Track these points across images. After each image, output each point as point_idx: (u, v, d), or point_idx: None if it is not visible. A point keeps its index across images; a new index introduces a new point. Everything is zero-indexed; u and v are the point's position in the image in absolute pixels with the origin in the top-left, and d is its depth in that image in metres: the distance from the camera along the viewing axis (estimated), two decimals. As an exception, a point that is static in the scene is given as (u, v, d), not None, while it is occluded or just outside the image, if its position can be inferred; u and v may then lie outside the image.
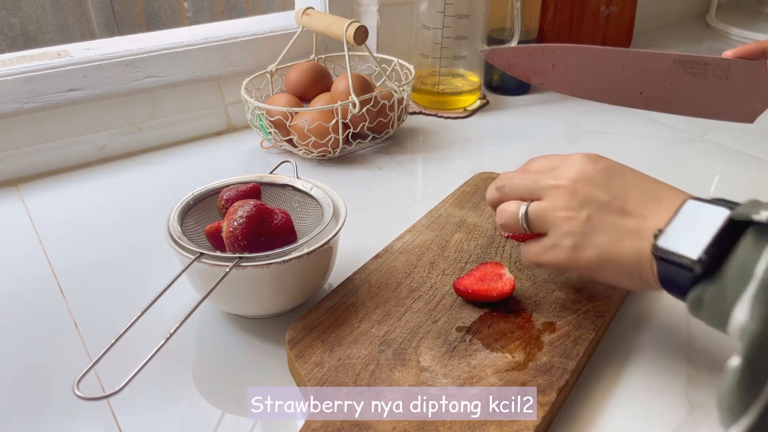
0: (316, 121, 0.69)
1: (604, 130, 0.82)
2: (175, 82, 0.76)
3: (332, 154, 0.72)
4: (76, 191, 0.68)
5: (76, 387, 0.35)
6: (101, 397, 0.36)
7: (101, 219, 0.63)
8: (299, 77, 0.76)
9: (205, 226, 0.49)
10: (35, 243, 0.59)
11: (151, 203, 0.65)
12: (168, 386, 0.44)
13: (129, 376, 0.36)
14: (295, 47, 0.77)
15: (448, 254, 0.53)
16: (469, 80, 0.86)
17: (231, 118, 0.82)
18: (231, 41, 0.78)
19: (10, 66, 0.67)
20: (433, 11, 0.80)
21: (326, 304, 0.47)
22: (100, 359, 0.38)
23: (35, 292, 0.53)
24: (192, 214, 0.50)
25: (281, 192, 0.53)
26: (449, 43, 0.81)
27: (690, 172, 0.71)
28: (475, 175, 0.65)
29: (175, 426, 0.41)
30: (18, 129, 0.69)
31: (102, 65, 0.71)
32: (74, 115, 0.71)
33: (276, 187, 0.53)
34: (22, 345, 0.48)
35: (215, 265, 0.43)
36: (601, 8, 1.00)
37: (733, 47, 0.52)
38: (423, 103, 0.87)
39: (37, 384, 0.44)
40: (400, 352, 0.43)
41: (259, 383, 0.44)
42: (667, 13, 1.22)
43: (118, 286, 0.54)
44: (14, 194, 0.67)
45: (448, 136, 0.80)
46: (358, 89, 0.70)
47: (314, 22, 0.75)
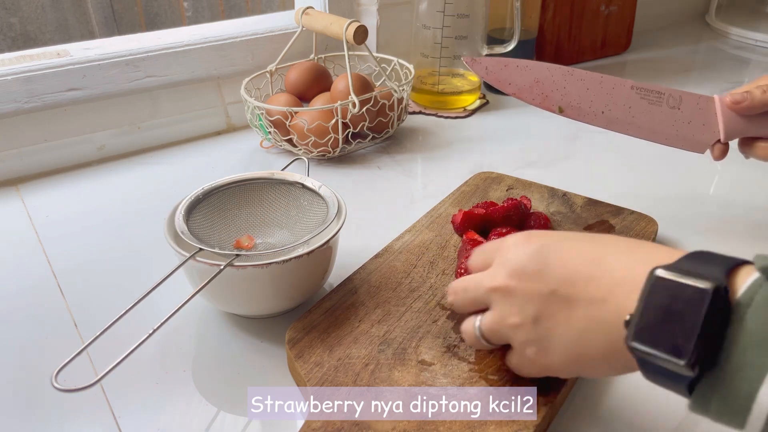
0: (315, 120, 0.69)
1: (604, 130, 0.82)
2: (174, 81, 0.76)
3: (332, 154, 0.72)
4: (75, 191, 0.68)
5: (54, 379, 0.35)
6: (80, 388, 0.35)
7: (101, 219, 0.63)
8: (299, 77, 0.76)
9: (213, 223, 0.49)
10: (35, 243, 0.59)
11: (151, 203, 0.65)
12: (168, 386, 0.44)
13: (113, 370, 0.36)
14: (295, 47, 0.77)
15: (448, 254, 0.53)
16: (468, 80, 0.86)
17: (231, 118, 0.82)
18: (231, 41, 0.78)
19: (10, 66, 0.67)
20: (432, 11, 0.80)
21: (326, 304, 0.47)
22: (83, 351, 0.37)
23: (35, 291, 0.53)
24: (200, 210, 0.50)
25: (290, 189, 0.53)
26: (449, 43, 0.81)
27: (690, 172, 0.71)
28: (475, 175, 0.65)
29: (175, 426, 0.41)
30: (18, 129, 0.69)
31: (102, 65, 0.71)
32: (74, 114, 0.71)
33: (285, 184, 0.53)
34: (22, 345, 0.47)
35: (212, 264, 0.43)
36: (601, 8, 1.00)
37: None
38: (423, 102, 0.87)
39: (36, 384, 0.44)
40: (399, 352, 0.43)
41: (258, 383, 0.44)
42: (667, 13, 1.22)
43: (117, 285, 0.54)
44: (14, 194, 0.67)
45: (447, 135, 0.80)
46: (357, 89, 0.70)
47: (314, 21, 0.75)
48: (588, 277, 0.32)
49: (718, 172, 0.72)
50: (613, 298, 0.31)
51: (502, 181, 0.64)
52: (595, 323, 0.32)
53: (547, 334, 0.34)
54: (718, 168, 0.72)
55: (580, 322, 0.32)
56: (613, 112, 0.55)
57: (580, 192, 0.62)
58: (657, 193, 0.67)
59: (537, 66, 0.55)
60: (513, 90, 0.55)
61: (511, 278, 0.35)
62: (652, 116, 0.54)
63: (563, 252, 0.34)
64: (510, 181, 0.64)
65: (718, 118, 0.53)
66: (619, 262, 0.32)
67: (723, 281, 0.27)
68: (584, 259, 0.33)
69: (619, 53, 1.07)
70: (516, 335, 0.36)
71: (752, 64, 1.05)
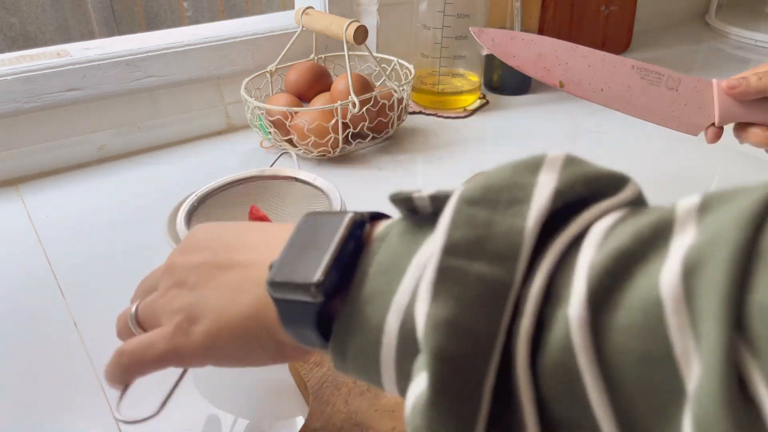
0: (315, 120, 0.69)
1: (604, 130, 0.82)
2: (174, 81, 0.76)
3: (332, 154, 0.72)
4: (75, 191, 0.68)
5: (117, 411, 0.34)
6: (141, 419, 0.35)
7: (101, 219, 0.63)
8: (299, 77, 0.76)
9: None
10: (35, 243, 0.59)
11: (151, 203, 0.65)
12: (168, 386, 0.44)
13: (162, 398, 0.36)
14: (295, 47, 0.77)
15: (448, 254, 0.53)
16: (468, 80, 0.86)
17: (231, 118, 0.82)
18: (231, 41, 0.78)
19: (10, 66, 0.67)
20: (432, 11, 0.80)
21: (326, 304, 0.47)
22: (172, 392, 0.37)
23: (34, 291, 0.53)
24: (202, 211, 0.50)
25: (285, 185, 0.52)
26: (449, 43, 0.81)
27: (689, 172, 0.71)
28: (475, 175, 0.65)
29: (175, 426, 0.41)
30: (17, 129, 0.69)
31: (101, 65, 0.71)
32: (74, 114, 0.71)
33: (279, 179, 0.52)
34: (22, 345, 0.47)
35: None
36: (601, 8, 1.00)
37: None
38: (423, 102, 0.87)
39: (36, 383, 0.44)
40: (400, 352, 0.43)
41: (258, 383, 0.44)
42: (667, 13, 1.22)
43: (117, 285, 0.53)
44: (14, 194, 0.67)
45: (447, 136, 0.80)
46: (357, 89, 0.70)
47: (314, 21, 0.75)
48: (256, 241, 0.31)
49: (718, 173, 0.72)
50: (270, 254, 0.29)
51: (502, 181, 0.64)
52: (248, 281, 0.30)
53: (201, 298, 0.31)
54: (718, 169, 0.72)
55: (233, 283, 0.30)
56: (612, 89, 0.56)
57: (580, 192, 0.62)
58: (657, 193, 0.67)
59: (542, 40, 0.57)
60: (517, 63, 0.57)
61: (174, 256, 0.34)
62: (650, 96, 0.56)
63: (231, 228, 0.34)
64: (510, 181, 0.64)
65: (714, 101, 0.55)
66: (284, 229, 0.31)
67: (365, 217, 0.27)
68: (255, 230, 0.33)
69: (619, 53, 1.07)
70: (170, 305, 0.32)
71: (752, 64, 1.05)
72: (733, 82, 0.53)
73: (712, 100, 0.55)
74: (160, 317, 0.32)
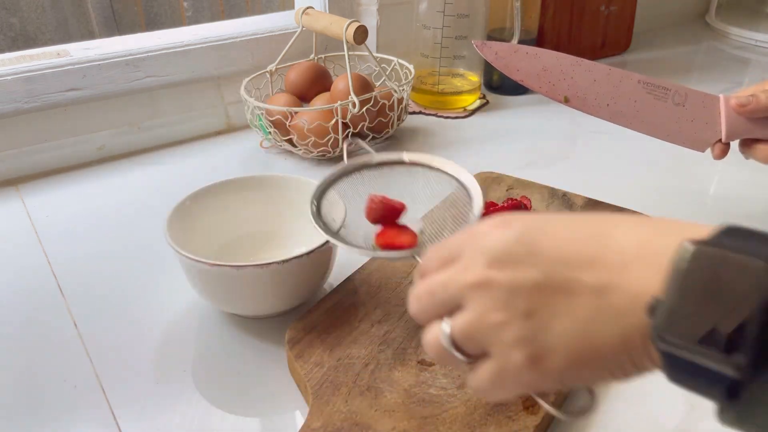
0: (315, 120, 0.69)
1: (604, 130, 0.81)
2: (174, 81, 0.76)
3: (332, 154, 0.72)
4: (75, 191, 0.68)
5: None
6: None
7: (101, 219, 0.63)
8: (299, 77, 0.76)
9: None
10: (35, 243, 0.59)
11: (151, 203, 0.65)
12: (168, 386, 0.44)
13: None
14: (295, 47, 0.77)
15: (448, 254, 0.53)
16: (468, 80, 0.86)
17: (230, 118, 0.82)
18: (231, 41, 0.78)
19: (10, 66, 0.67)
20: (432, 11, 0.80)
21: (326, 304, 0.47)
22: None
23: (34, 291, 0.53)
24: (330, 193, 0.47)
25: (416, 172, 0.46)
26: (449, 43, 0.81)
27: (690, 172, 0.71)
28: (475, 175, 0.65)
29: (175, 426, 0.41)
30: (17, 129, 0.69)
31: (101, 65, 0.71)
32: (74, 114, 0.71)
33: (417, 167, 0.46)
34: (22, 344, 0.47)
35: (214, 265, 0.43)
36: (601, 8, 1.00)
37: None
38: (423, 102, 0.87)
39: (36, 384, 0.44)
40: (399, 352, 0.43)
41: (258, 383, 0.44)
42: (667, 13, 1.22)
43: (117, 285, 0.54)
44: (14, 194, 0.67)
45: (447, 136, 0.80)
46: (357, 89, 0.70)
47: (314, 21, 0.75)
48: (590, 257, 0.26)
49: (718, 173, 0.72)
50: (626, 280, 0.25)
51: (502, 182, 0.64)
52: (603, 313, 0.25)
53: (543, 331, 0.27)
54: (718, 168, 0.72)
55: (585, 311, 0.26)
56: (618, 104, 0.55)
57: (580, 192, 0.62)
58: (657, 193, 0.67)
59: (546, 54, 0.55)
60: (520, 77, 0.56)
61: (491, 268, 0.28)
62: (657, 111, 0.55)
63: (554, 231, 0.28)
64: (510, 182, 0.64)
65: (721, 118, 0.54)
66: (628, 237, 0.26)
67: None
68: (582, 237, 0.27)
69: (619, 53, 1.07)
70: (501, 336, 0.28)
71: (752, 64, 1.05)
72: (743, 100, 0.52)
73: (719, 115, 0.54)
74: (489, 346, 0.29)
